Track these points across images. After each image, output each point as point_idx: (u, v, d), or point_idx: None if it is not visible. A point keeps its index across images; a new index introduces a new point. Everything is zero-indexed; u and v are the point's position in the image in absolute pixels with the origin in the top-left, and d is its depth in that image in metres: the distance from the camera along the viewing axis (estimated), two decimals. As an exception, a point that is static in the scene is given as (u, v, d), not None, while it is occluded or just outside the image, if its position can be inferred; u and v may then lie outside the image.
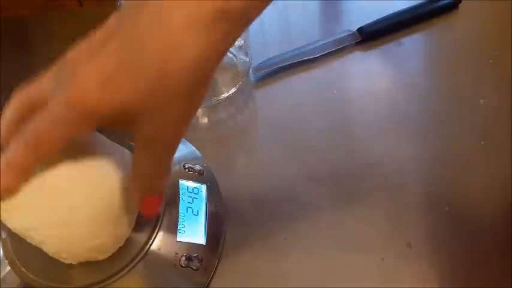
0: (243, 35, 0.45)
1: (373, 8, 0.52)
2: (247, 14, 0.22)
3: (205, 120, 0.46)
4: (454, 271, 0.34)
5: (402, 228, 0.37)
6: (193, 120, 0.47)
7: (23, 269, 0.32)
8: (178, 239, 0.34)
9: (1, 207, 0.26)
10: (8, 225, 0.27)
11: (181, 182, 0.37)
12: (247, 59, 0.47)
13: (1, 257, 0.33)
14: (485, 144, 0.36)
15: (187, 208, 0.36)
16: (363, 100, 0.46)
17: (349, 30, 0.50)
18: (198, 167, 0.39)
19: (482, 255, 0.35)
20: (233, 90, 0.46)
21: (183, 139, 0.42)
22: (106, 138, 0.30)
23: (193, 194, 0.37)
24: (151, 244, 0.33)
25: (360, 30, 0.49)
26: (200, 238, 0.35)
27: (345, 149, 0.42)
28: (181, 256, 0.34)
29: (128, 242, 0.33)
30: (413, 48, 0.49)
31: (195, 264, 0.34)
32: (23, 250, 0.33)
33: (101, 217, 0.28)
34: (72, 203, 0.26)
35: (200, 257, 0.35)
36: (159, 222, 0.34)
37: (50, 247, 0.28)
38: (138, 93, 0.21)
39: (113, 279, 0.31)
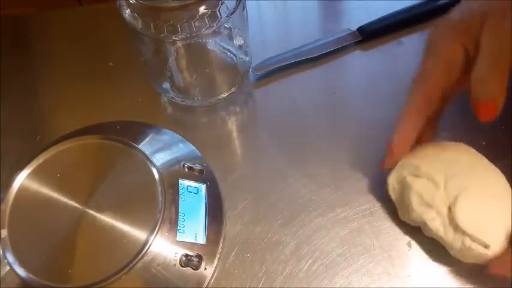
0: (243, 34, 0.45)
1: (373, 7, 0.52)
2: None
3: (205, 120, 0.46)
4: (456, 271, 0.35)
5: (405, 227, 0.37)
6: (193, 120, 0.48)
7: (23, 269, 0.32)
8: (178, 239, 0.34)
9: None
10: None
11: (181, 181, 0.37)
12: (247, 59, 0.47)
13: (1, 257, 0.33)
14: (486, 144, 0.36)
15: (187, 208, 0.36)
16: (363, 100, 0.46)
17: (349, 30, 0.50)
18: (198, 167, 0.39)
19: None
20: (233, 90, 0.46)
21: (182, 139, 0.43)
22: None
23: (193, 193, 0.37)
24: (151, 244, 0.33)
25: (360, 29, 0.49)
26: (200, 238, 0.35)
27: (345, 149, 0.42)
28: (181, 256, 0.34)
29: (128, 242, 0.33)
30: (413, 48, 0.49)
31: (195, 264, 0.34)
32: (23, 250, 0.33)
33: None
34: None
35: (200, 257, 0.35)
36: (159, 222, 0.34)
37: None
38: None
39: (112, 279, 0.31)
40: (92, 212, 0.34)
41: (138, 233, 0.33)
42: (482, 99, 0.30)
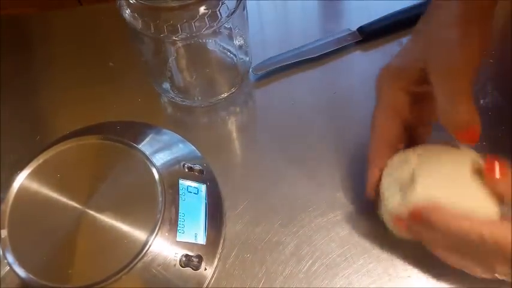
0: (243, 34, 0.45)
1: (373, 7, 0.52)
2: None
3: (205, 120, 0.46)
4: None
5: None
6: (193, 120, 0.48)
7: (23, 269, 0.32)
8: (178, 239, 0.34)
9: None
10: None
11: (181, 181, 0.37)
12: (247, 59, 0.47)
13: (1, 257, 0.33)
14: (486, 144, 0.36)
15: (187, 208, 0.36)
16: (363, 100, 0.46)
17: (349, 30, 0.50)
18: (198, 167, 0.39)
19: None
20: (233, 90, 0.46)
21: (182, 139, 0.43)
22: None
23: (193, 193, 0.37)
24: (151, 244, 0.33)
25: (360, 29, 0.49)
26: (200, 238, 0.35)
27: (345, 149, 0.42)
28: (181, 256, 0.34)
29: (128, 242, 0.33)
30: (413, 48, 0.49)
31: (195, 264, 0.34)
32: (23, 250, 0.33)
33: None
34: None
35: (200, 257, 0.35)
36: (159, 222, 0.34)
37: None
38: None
39: (113, 279, 0.31)
40: (92, 212, 0.34)
41: (138, 233, 0.33)
42: (460, 129, 0.31)
